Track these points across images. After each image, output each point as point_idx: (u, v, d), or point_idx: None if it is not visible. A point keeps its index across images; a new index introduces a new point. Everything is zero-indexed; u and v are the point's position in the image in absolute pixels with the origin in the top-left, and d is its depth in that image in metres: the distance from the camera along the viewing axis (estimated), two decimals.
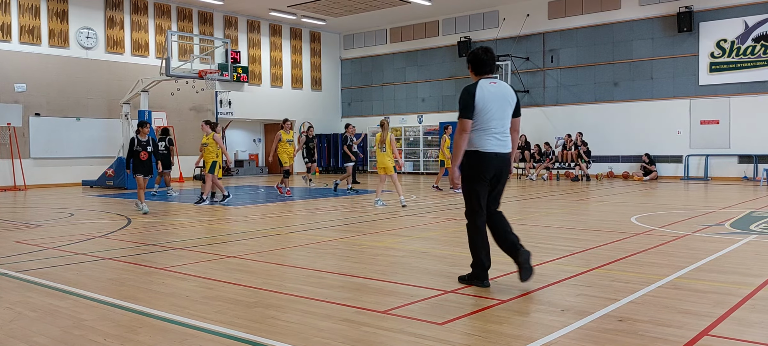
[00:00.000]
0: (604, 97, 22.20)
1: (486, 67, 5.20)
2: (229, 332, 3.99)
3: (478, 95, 5.02)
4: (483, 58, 5.18)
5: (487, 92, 5.04)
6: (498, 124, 5.06)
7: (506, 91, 5.16)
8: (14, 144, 19.19)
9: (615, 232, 8.34)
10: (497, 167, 5.08)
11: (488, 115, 5.02)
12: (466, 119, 5.01)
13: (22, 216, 11.41)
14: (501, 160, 5.08)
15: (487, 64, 5.19)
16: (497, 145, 5.07)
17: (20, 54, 19.45)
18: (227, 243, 7.83)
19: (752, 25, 19.25)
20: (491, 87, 5.09)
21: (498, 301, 4.69)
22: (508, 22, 24.25)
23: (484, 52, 5.19)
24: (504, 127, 5.11)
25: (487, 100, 5.02)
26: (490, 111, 5.02)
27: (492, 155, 5.04)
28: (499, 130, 5.07)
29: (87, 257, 6.90)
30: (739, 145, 19.68)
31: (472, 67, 5.26)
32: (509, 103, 5.14)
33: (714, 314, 4.26)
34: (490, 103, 5.03)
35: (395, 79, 27.98)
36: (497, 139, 5.07)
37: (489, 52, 5.22)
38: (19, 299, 4.95)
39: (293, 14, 25.38)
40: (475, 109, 5.01)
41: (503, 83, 5.20)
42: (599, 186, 18.01)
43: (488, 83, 5.11)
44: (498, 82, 5.17)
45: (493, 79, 5.17)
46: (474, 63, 5.24)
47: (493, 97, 5.05)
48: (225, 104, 24.68)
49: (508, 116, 5.13)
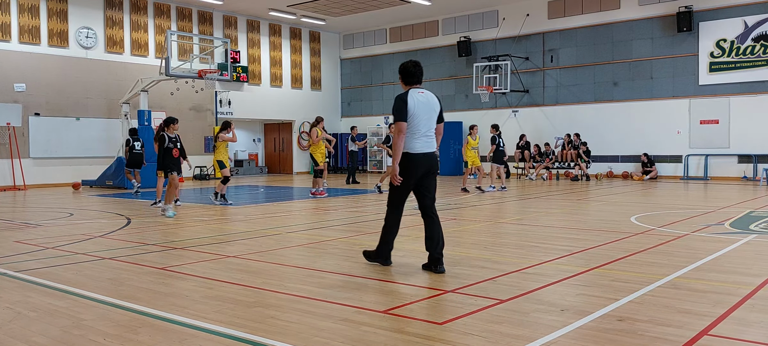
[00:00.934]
0: (604, 97, 22.20)
1: (414, 78, 5.88)
2: (229, 332, 3.99)
3: (410, 102, 5.70)
4: (412, 70, 5.87)
5: (416, 100, 5.74)
6: (425, 128, 5.78)
7: (432, 100, 5.89)
8: (14, 144, 19.18)
9: (615, 231, 8.34)
10: (426, 165, 5.85)
11: (417, 120, 5.73)
12: (402, 122, 5.68)
13: (21, 216, 11.41)
14: (428, 158, 5.85)
15: (415, 75, 5.88)
16: (425, 146, 5.81)
17: (20, 54, 19.44)
18: (227, 243, 7.83)
19: (752, 25, 19.26)
20: (420, 96, 5.79)
21: (497, 301, 4.69)
22: (507, 21, 24.25)
23: (413, 66, 5.88)
24: (430, 130, 5.84)
25: (417, 107, 5.72)
26: (419, 116, 5.73)
27: (421, 155, 5.81)
28: (426, 133, 5.79)
29: (87, 256, 6.90)
30: (739, 144, 19.68)
31: (402, 78, 5.93)
32: (434, 110, 5.87)
33: (713, 314, 4.26)
34: (419, 110, 5.73)
35: (395, 79, 27.93)
36: (425, 141, 5.80)
37: (417, 65, 5.91)
38: (18, 299, 4.95)
39: (293, 14, 25.37)
40: (409, 115, 5.69)
41: (429, 93, 5.91)
42: (599, 186, 18.01)
43: (417, 92, 5.81)
44: (425, 92, 5.87)
45: (421, 89, 5.87)
46: (404, 74, 5.91)
47: (422, 104, 5.76)
48: (225, 104, 24.68)
49: (433, 121, 5.86)
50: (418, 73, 5.89)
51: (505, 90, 23.37)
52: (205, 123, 24.23)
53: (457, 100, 26.00)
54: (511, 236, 8.33)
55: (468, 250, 7.08)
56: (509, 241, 7.87)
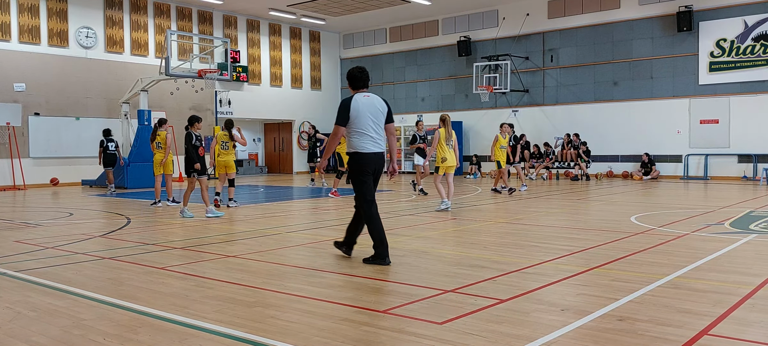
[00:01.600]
0: (604, 96, 22.20)
1: (360, 83, 6.28)
2: (228, 332, 3.98)
3: (353, 107, 6.12)
4: (358, 75, 6.28)
5: (360, 104, 6.14)
6: (373, 129, 6.18)
7: (377, 102, 6.28)
8: (13, 144, 19.18)
9: (615, 231, 8.34)
10: (375, 163, 6.25)
11: (363, 122, 6.12)
12: (339, 126, 6.19)
13: (21, 216, 11.40)
14: (377, 157, 6.25)
15: (361, 80, 6.28)
16: (374, 145, 6.20)
17: (19, 53, 19.44)
18: (227, 243, 7.83)
19: (752, 25, 19.26)
20: (365, 99, 6.19)
21: (497, 300, 4.69)
22: (507, 21, 24.25)
23: (359, 71, 6.29)
24: (379, 131, 6.24)
25: (361, 110, 6.11)
26: (365, 118, 6.12)
27: (371, 154, 6.18)
28: (374, 134, 6.19)
29: (86, 256, 6.90)
30: (739, 144, 19.68)
31: (350, 84, 6.33)
32: (381, 112, 6.26)
33: (714, 314, 4.26)
34: (363, 112, 6.12)
35: (395, 79, 27.97)
36: (373, 141, 6.20)
37: (363, 71, 6.31)
38: (18, 299, 4.95)
39: (293, 14, 25.37)
40: (350, 118, 6.12)
41: (375, 96, 6.31)
42: (599, 186, 18.01)
43: (362, 96, 6.22)
44: (370, 95, 6.27)
45: (366, 93, 6.27)
46: (351, 80, 6.31)
47: (366, 107, 6.15)
48: (224, 104, 24.68)
49: (381, 122, 6.27)
50: (364, 78, 6.29)
51: (505, 90, 23.37)
52: (204, 123, 24.22)
53: (457, 99, 26.00)
54: (511, 235, 8.33)
55: (468, 249, 7.08)
56: (509, 240, 7.87)
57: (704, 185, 17.67)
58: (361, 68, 6.32)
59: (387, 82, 28.23)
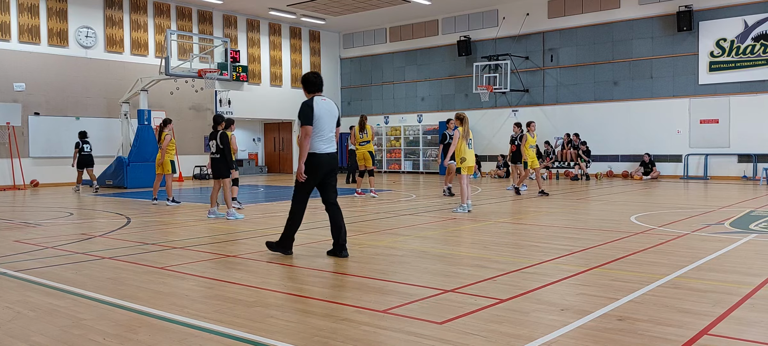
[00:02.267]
0: (604, 96, 22.20)
1: (315, 87, 6.62)
2: (228, 332, 3.98)
3: (316, 108, 6.44)
4: (313, 80, 6.62)
5: (320, 106, 6.48)
6: (328, 131, 6.54)
7: (332, 107, 6.65)
8: (13, 143, 19.18)
9: (614, 231, 8.34)
10: (329, 164, 6.58)
11: (322, 124, 6.46)
12: (309, 126, 6.41)
13: (21, 215, 11.40)
14: (332, 158, 6.60)
15: (316, 85, 6.62)
16: (328, 147, 6.56)
17: (19, 53, 19.44)
18: (227, 242, 7.83)
19: (752, 25, 19.26)
20: (322, 103, 6.55)
21: (497, 300, 4.68)
22: (507, 21, 24.25)
23: (315, 76, 6.65)
24: (332, 133, 6.61)
25: (321, 112, 6.47)
26: (324, 121, 6.48)
27: (326, 155, 6.53)
28: (329, 136, 6.55)
29: (86, 256, 6.90)
30: (739, 144, 19.68)
31: (305, 88, 6.66)
32: (334, 115, 6.63)
33: (714, 314, 4.26)
34: (323, 115, 6.48)
35: (395, 79, 27.97)
36: (328, 143, 6.54)
37: (318, 76, 6.69)
38: (18, 299, 4.95)
39: (293, 13, 25.36)
40: (315, 119, 6.41)
41: (330, 100, 6.67)
42: (599, 185, 18.01)
43: (320, 99, 6.55)
44: (326, 99, 6.63)
45: (323, 97, 6.62)
46: (306, 84, 6.64)
47: (324, 110, 6.51)
48: (224, 103, 24.67)
49: (334, 125, 6.64)
50: (319, 83, 6.65)
51: (505, 89, 23.37)
52: (204, 123, 24.22)
53: (456, 99, 26.00)
54: (511, 235, 8.33)
55: (468, 249, 7.08)
56: (509, 240, 7.87)
57: (704, 185, 17.67)
58: (315, 73, 6.72)
59: (387, 81, 28.23)
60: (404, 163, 27.47)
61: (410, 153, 27.38)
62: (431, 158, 26.61)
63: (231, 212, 10.31)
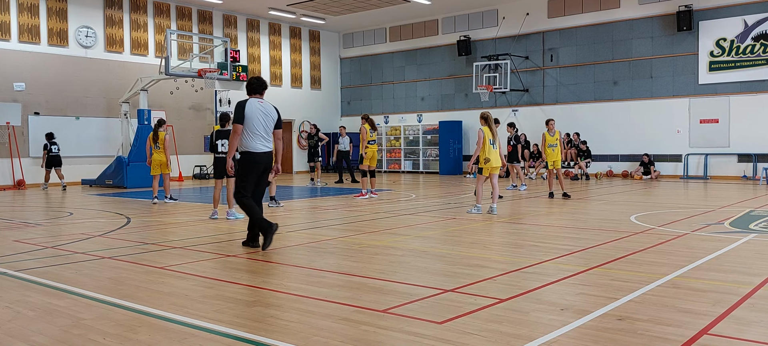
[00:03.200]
0: (604, 96, 22.20)
1: (256, 90, 7.19)
2: (228, 332, 3.98)
3: (247, 109, 6.97)
4: (254, 84, 7.20)
5: (254, 108, 7.00)
6: (263, 131, 7.01)
7: (269, 109, 7.15)
8: (13, 143, 19.17)
9: (614, 231, 8.34)
10: (264, 161, 7.09)
11: (254, 124, 6.96)
12: (238, 125, 6.93)
13: (21, 215, 11.40)
14: (266, 156, 7.09)
15: (257, 88, 7.19)
16: (263, 146, 7.04)
17: (19, 53, 19.43)
18: (227, 242, 7.83)
19: (752, 24, 19.26)
20: (258, 104, 7.06)
21: (497, 300, 4.68)
22: (507, 20, 24.25)
23: (256, 80, 7.22)
24: (268, 133, 7.08)
25: (254, 113, 6.97)
26: (256, 121, 6.96)
27: (260, 153, 7.03)
28: (264, 135, 7.02)
29: (86, 256, 6.90)
30: (739, 144, 19.68)
31: (247, 90, 7.23)
32: (271, 117, 7.11)
33: (713, 313, 4.26)
34: (256, 115, 6.97)
35: (395, 78, 27.96)
36: (263, 142, 7.03)
37: (260, 80, 7.24)
38: (18, 298, 4.94)
39: (292, 13, 25.36)
40: (245, 118, 6.92)
41: (268, 103, 7.19)
42: (599, 185, 18.01)
43: (257, 102, 7.09)
44: (264, 102, 7.17)
45: (261, 100, 7.16)
46: (248, 87, 7.23)
47: (259, 111, 7.01)
48: (224, 103, 24.67)
49: (271, 127, 7.11)
50: (260, 87, 7.21)
51: (505, 89, 23.37)
52: (204, 122, 24.22)
53: (456, 99, 26.00)
54: (511, 235, 8.33)
55: (468, 249, 7.08)
56: (509, 240, 7.87)
57: (704, 185, 17.67)
58: (258, 78, 7.24)
59: (387, 81, 28.23)
60: (404, 163, 27.47)
61: (410, 153, 27.37)
62: (431, 158, 26.60)
63: (231, 211, 10.31)
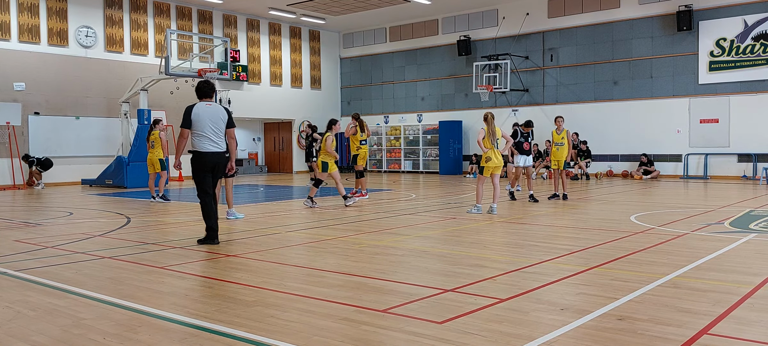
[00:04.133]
0: (604, 96, 22.20)
1: (204, 94, 7.63)
2: (229, 331, 3.98)
3: (194, 113, 7.40)
4: (203, 88, 7.63)
5: (201, 111, 7.43)
6: (211, 132, 7.44)
7: (218, 110, 7.61)
8: (13, 143, 19.17)
9: (614, 230, 8.34)
10: (213, 161, 7.50)
11: (202, 126, 7.39)
12: (184, 128, 7.42)
13: (21, 215, 11.40)
14: (216, 156, 7.52)
15: (205, 93, 7.63)
16: (212, 146, 7.47)
17: (19, 53, 19.43)
18: (227, 242, 7.83)
19: (752, 24, 19.25)
20: (206, 107, 7.50)
21: (497, 300, 4.69)
22: (507, 20, 24.24)
23: (205, 84, 7.63)
24: (217, 134, 7.49)
25: (201, 116, 7.39)
26: (204, 123, 7.38)
27: (208, 153, 7.45)
28: (213, 137, 7.45)
29: (86, 256, 6.90)
30: (739, 143, 19.68)
31: (197, 94, 7.69)
32: (221, 119, 7.55)
33: (713, 313, 4.26)
34: (203, 118, 7.39)
35: (395, 78, 27.96)
36: (211, 142, 7.46)
37: (208, 84, 7.63)
38: (18, 298, 4.95)
39: (293, 13, 25.36)
40: (192, 122, 7.36)
41: (216, 105, 7.64)
42: (599, 185, 18.01)
43: (204, 105, 7.52)
44: (213, 104, 7.59)
45: (209, 102, 7.59)
46: (197, 92, 7.69)
47: (206, 114, 7.44)
48: (224, 103, 24.68)
49: (221, 128, 7.53)
50: (208, 90, 7.63)
51: (505, 89, 23.37)
52: None
53: (456, 99, 26.00)
54: (511, 234, 8.33)
55: (467, 249, 7.08)
56: (509, 240, 7.87)
57: (704, 185, 17.67)
58: (206, 82, 7.66)
59: (387, 81, 28.23)
60: (404, 162, 27.47)
61: (410, 153, 27.37)
62: (431, 158, 26.60)
63: (231, 211, 10.31)
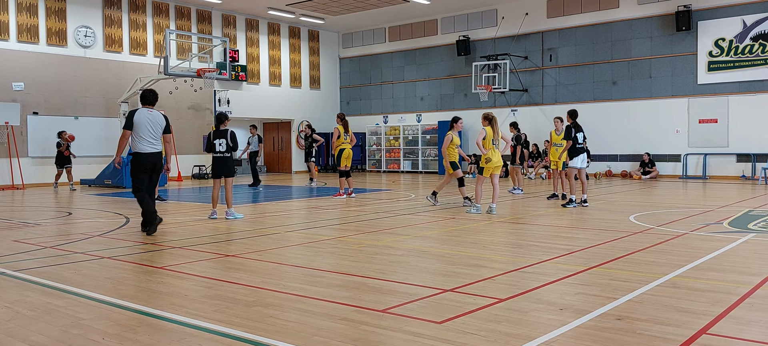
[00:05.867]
0: (603, 96, 22.21)
1: (147, 101, 8.59)
2: (227, 332, 3.98)
3: (135, 117, 8.33)
4: (147, 96, 8.60)
5: (142, 116, 8.37)
6: (150, 135, 8.38)
7: (157, 117, 8.50)
8: (12, 143, 19.16)
9: (613, 230, 8.34)
10: (150, 161, 8.42)
11: (141, 130, 8.32)
12: (126, 130, 8.32)
13: (20, 215, 11.39)
14: (153, 156, 8.44)
15: (148, 100, 8.60)
16: (149, 147, 8.39)
17: (18, 53, 19.41)
18: (226, 242, 7.83)
19: (750, 24, 19.27)
20: (147, 113, 8.44)
21: (496, 299, 4.69)
22: (506, 20, 24.25)
23: (149, 92, 8.62)
24: (154, 137, 8.43)
25: (141, 120, 8.33)
26: (142, 127, 8.32)
27: (146, 154, 8.37)
28: (150, 139, 8.38)
29: (85, 256, 6.90)
30: (738, 143, 19.70)
31: (141, 101, 8.61)
32: (159, 124, 8.48)
33: (712, 313, 4.27)
34: (142, 123, 8.33)
35: (394, 78, 27.96)
36: (149, 144, 8.38)
37: (153, 92, 8.65)
38: (17, 298, 4.94)
39: (292, 13, 25.35)
40: (133, 125, 8.28)
41: (157, 112, 8.54)
42: (598, 185, 18.02)
43: (145, 111, 8.45)
44: (153, 111, 8.52)
45: (150, 109, 8.52)
46: (141, 98, 8.63)
47: (146, 119, 8.38)
48: (223, 103, 24.66)
49: (158, 132, 8.47)
50: (151, 98, 8.61)
51: (504, 89, 23.37)
52: (203, 122, 24.21)
53: (455, 99, 26.00)
54: (510, 234, 8.33)
55: (466, 249, 7.08)
56: (508, 240, 7.87)
57: (703, 185, 17.68)
58: (150, 90, 8.66)
59: (386, 81, 28.22)
60: (403, 162, 27.47)
61: (409, 153, 27.37)
62: (430, 158, 26.60)
63: (230, 211, 10.31)
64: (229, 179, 10.39)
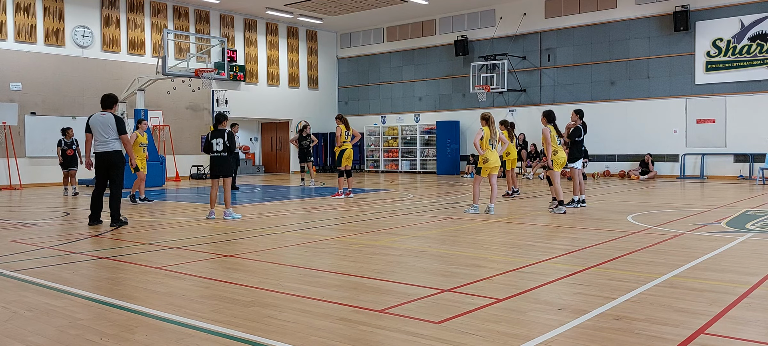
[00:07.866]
0: (601, 96, 22.23)
1: (103, 104, 9.53)
2: (226, 332, 3.98)
3: (90, 121, 9.36)
4: (103, 100, 9.57)
5: (95, 119, 9.35)
6: (101, 136, 9.32)
7: (108, 118, 9.38)
8: (9, 143, 19.13)
9: (611, 230, 8.35)
10: (105, 160, 9.40)
11: (95, 132, 9.33)
12: (86, 134, 9.33)
13: (17, 215, 11.37)
14: (105, 155, 9.38)
15: (103, 103, 9.55)
16: (102, 148, 9.35)
17: (16, 52, 19.38)
18: (224, 242, 7.82)
19: (748, 25, 19.30)
20: (100, 117, 9.38)
21: (495, 299, 4.69)
22: (505, 20, 24.26)
23: (107, 97, 9.60)
24: (106, 139, 9.32)
25: (94, 124, 9.33)
26: (96, 130, 9.31)
27: (100, 153, 9.37)
28: (102, 141, 9.33)
29: (83, 256, 6.89)
30: (735, 144, 19.73)
31: (101, 106, 9.55)
32: (110, 126, 9.34)
33: (710, 313, 4.27)
34: (96, 126, 9.31)
35: (392, 78, 27.96)
36: (102, 144, 9.33)
37: (110, 97, 9.61)
38: (14, 299, 4.93)
39: (290, 13, 25.34)
40: (89, 128, 9.32)
41: (109, 115, 9.44)
42: (596, 185, 18.03)
43: (99, 115, 9.43)
44: (106, 114, 9.42)
45: (103, 113, 9.43)
46: (101, 103, 9.55)
47: (99, 123, 9.32)
48: (221, 103, 24.65)
49: (110, 133, 9.33)
50: (109, 103, 9.53)
51: (502, 89, 23.38)
52: (201, 122, 24.19)
53: (454, 99, 26.01)
54: (508, 234, 8.34)
55: (465, 249, 7.09)
56: (506, 240, 7.88)
57: (701, 185, 17.71)
58: (108, 94, 9.62)
59: (384, 81, 28.22)
60: (401, 162, 27.47)
61: (407, 153, 27.37)
62: (428, 158, 26.59)
63: (228, 211, 10.30)
64: (226, 180, 10.38)
